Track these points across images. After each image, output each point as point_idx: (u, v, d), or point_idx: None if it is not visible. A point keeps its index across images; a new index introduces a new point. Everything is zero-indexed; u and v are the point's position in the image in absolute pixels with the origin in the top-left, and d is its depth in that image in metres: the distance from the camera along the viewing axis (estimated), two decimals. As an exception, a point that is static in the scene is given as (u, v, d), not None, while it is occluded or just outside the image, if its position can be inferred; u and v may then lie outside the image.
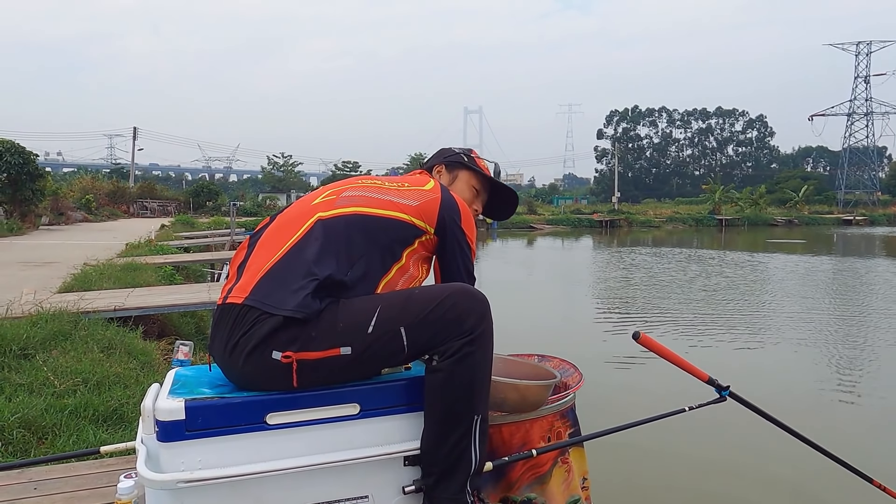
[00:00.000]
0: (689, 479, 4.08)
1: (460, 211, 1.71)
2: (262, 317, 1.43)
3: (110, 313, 5.29)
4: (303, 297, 1.43)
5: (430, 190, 1.71)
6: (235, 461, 1.39)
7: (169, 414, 1.37)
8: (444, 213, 1.67)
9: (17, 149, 19.68)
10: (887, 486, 2.02)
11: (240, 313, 1.46)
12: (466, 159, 1.97)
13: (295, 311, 1.42)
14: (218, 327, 1.51)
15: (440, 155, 2.02)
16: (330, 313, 1.46)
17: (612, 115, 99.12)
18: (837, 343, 7.99)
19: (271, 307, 1.43)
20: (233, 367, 1.47)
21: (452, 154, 1.99)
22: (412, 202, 1.65)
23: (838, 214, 60.32)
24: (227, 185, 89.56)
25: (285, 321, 1.42)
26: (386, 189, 1.68)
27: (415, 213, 1.64)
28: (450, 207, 1.69)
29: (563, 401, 1.78)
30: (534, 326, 8.87)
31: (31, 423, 2.99)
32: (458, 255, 1.70)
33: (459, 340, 1.46)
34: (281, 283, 1.46)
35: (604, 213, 49.81)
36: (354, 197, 1.64)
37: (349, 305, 1.49)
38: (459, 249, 1.70)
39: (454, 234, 1.68)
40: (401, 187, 1.70)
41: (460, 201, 1.74)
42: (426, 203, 1.66)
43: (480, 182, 1.97)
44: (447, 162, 1.97)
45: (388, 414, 1.52)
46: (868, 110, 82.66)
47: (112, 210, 33.16)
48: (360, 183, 1.73)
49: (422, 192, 1.69)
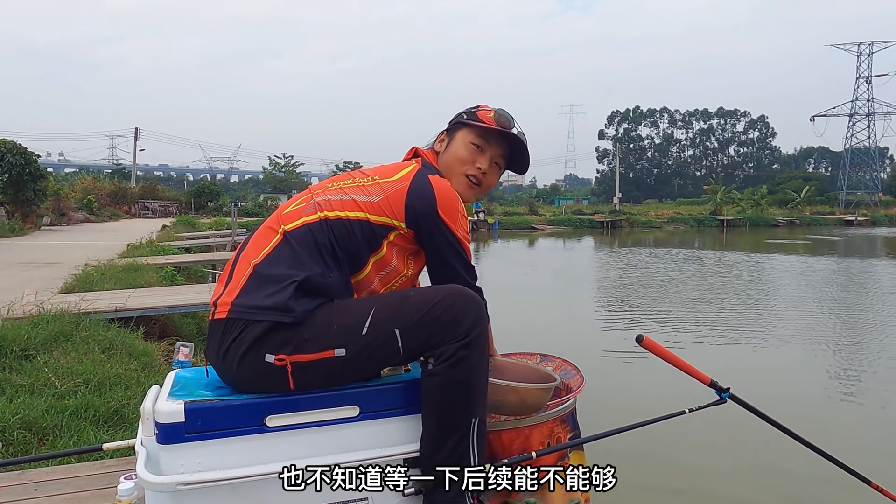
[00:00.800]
0: (689, 482, 4.08)
1: (435, 196, 1.57)
2: (249, 324, 1.44)
3: (111, 314, 5.29)
4: (283, 299, 1.43)
5: (399, 180, 1.61)
6: (235, 463, 1.39)
7: (169, 416, 1.37)
8: (412, 202, 1.56)
9: (19, 149, 19.72)
10: (885, 488, 2.01)
11: (226, 326, 1.47)
12: (466, 116, 1.81)
13: (279, 315, 1.42)
14: (211, 336, 1.52)
15: (447, 124, 1.89)
16: (323, 315, 1.46)
17: (613, 115, 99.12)
18: (840, 345, 7.98)
19: (253, 314, 1.44)
20: (227, 371, 1.48)
21: (456, 117, 1.85)
22: (374, 198, 1.58)
23: (840, 215, 60.26)
24: (228, 185, 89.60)
25: (275, 325, 1.43)
26: (351, 187, 1.61)
27: (376, 210, 1.56)
28: (419, 195, 1.57)
29: (563, 406, 1.78)
30: (535, 326, 8.86)
31: (32, 423, 3.00)
32: (442, 245, 1.59)
33: (454, 344, 1.45)
34: (259, 291, 1.47)
35: (605, 214, 49.79)
36: (320, 203, 1.59)
37: (344, 307, 1.49)
38: (442, 239, 1.58)
39: (429, 224, 1.57)
40: (367, 182, 1.62)
41: (439, 186, 1.60)
42: (390, 196, 1.57)
43: (480, 136, 1.77)
44: (448, 127, 1.85)
45: (387, 416, 1.52)
46: (870, 111, 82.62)
47: (113, 210, 33.21)
48: (332, 185, 1.67)
49: (387, 185, 1.60)
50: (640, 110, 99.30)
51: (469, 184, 1.78)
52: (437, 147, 1.83)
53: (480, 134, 1.77)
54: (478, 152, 1.78)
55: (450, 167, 1.77)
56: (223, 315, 1.48)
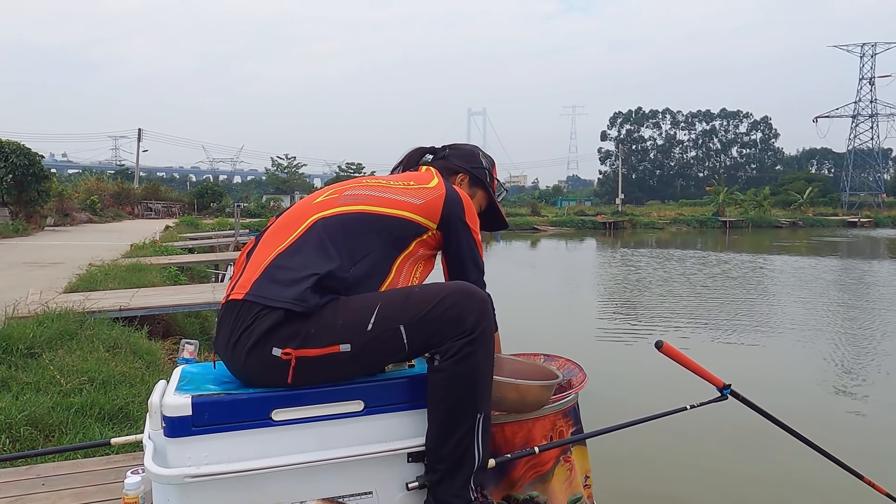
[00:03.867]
0: (690, 477, 4.09)
1: (464, 205, 1.73)
2: (262, 312, 1.45)
3: (115, 313, 5.31)
4: (301, 291, 1.45)
5: (435, 187, 1.72)
6: (241, 456, 1.41)
7: (176, 410, 1.39)
8: (448, 209, 1.69)
9: (23, 150, 19.77)
10: (877, 483, 2.03)
11: (241, 309, 1.47)
12: (489, 178, 1.99)
13: (293, 304, 1.43)
14: (222, 324, 1.53)
15: (467, 159, 1.99)
16: (330, 310, 1.48)
17: (615, 116, 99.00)
18: (843, 344, 7.98)
19: (270, 300, 1.45)
20: (235, 362, 1.50)
21: (479, 166, 1.98)
22: (417, 200, 1.67)
23: (843, 216, 60.13)
24: (231, 186, 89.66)
25: (286, 315, 1.44)
26: (391, 188, 1.69)
27: (419, 211, 1.65)
28: (454, 203, 1.70)
29: (565, 400, 1.80)
30: (538, 326, 8.87)
31: (38, 420, 3.02)
32: (465, 248, 1.71)
33: (460, 340, 1.47)
34: (280, 278, 1.48)
35: (607, 215, 49.73)
36: (358, 196, 1.65)
37: (349, 303, 1.50)
38: (466, 242, 1.71)
39: (458, 228, 1.70)
40: (406, 186, 1.71)
41: (464, 196, 1.76)
42: (431, 201, 1.68)
43: (488, 203, 2.01)
44: (472, 174, 1.96)
45: (391, 411, 1.54)
46: (873, 112, 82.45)
47: (117, 211, 33.27)
48: (365, 182, 1.73)
49: (426, 191, 1.70)
50: (643, 111, 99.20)
51: None
52: (459, 183, 1.93)
53: (489, 203, 2.01)
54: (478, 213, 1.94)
55: None
56: (240, 296, 1.48)
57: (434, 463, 1.50)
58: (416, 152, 2.02)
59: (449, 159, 1.97)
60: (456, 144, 2.04)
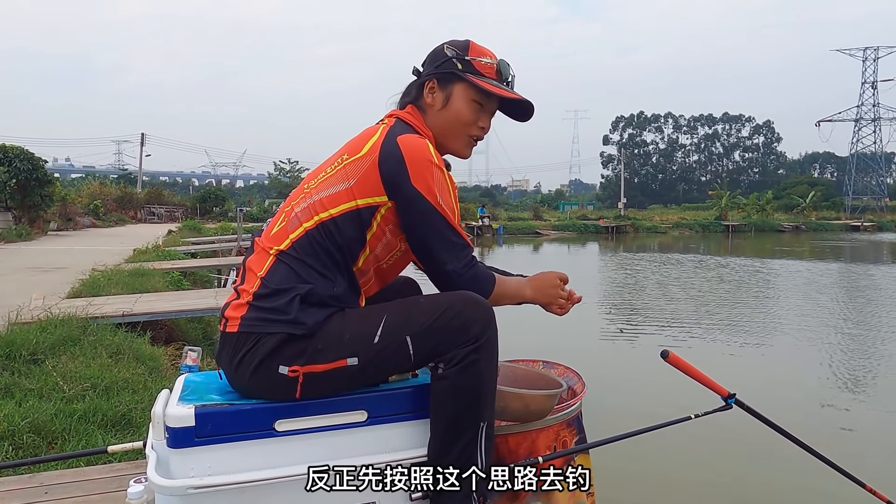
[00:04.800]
0: (694, 487, 4.08)
1: (405, 161, 1.47)
2: (261, 336, 1.45)
3: (118, 319, 5.32)
4: (291, 313, 1.43)
5: (368, 152, 1.50)
6: (245, 467, 1.41)
7: (179, 420, 1.39)
8: (384, 174, 1.48)
9: (26, 155, 19.84)
10: (878, 490, 2.03)
11: (238, 339, 1.47)
12: (462, 66, 1.61)
13: (290, 328, 1.43)
14: (223, 347, 1.53)
15: (430, 63, 1.66)
16: (335, 324, 1.47)
17: (618, 120, 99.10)
18: (847, 350, 7.95)
19: (264, 327, 1.44)
20: (239, 380, 1.50)
21: (443, 61, 1.62)
22: (349, 181, 1.50)
23: (846, 220, 60.01)
24: (233, 190, 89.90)
25: (288, 337, 1.44)
26: (326, 179, 1.53)
27: (357, 194, 1.49)
28: (388, 164, 1.47)
29: (569, 410, 1.79)
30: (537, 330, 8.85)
31: (40, 427, 3.02)
32: (416, 219, 1.50)
33: (465, 348, 1.46)
34: (267, 304, 1.46)
35: (610, 219, 49.68)
36: (299, 214, 1.53)
37: (354, 315, 1.50)
38: (419, 213, 1.49)
39: (405, 197, 1.48)
40: (340, 165, 1.52)
41: (408, 147, 1.48)
42: (363, 175, 1.49)
43: (480, 93, 1.63)
44: (439, 75, 1.63)
45: (394, 421, 1.53)
46: (875, 116, 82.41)
47: (120, 216, 33.34)
48: (304, 188, 1.58)
49: (358, 162, 1.50)
50: (645, 115, 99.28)
51: (471, 143, 1.70)
52: (429, 100, 1.64)
53: (482, 90, 1.62)
54: (480, 110, 1.66)
55: (450, 128, 1.65)
56: (234, 329, 1.48)
57: (436, 472, 1.50)
58: (402, 96, 1.73)
59: (420, 75, 1.68)
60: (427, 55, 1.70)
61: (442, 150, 1.66)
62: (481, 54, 1.64)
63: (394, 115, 1.65)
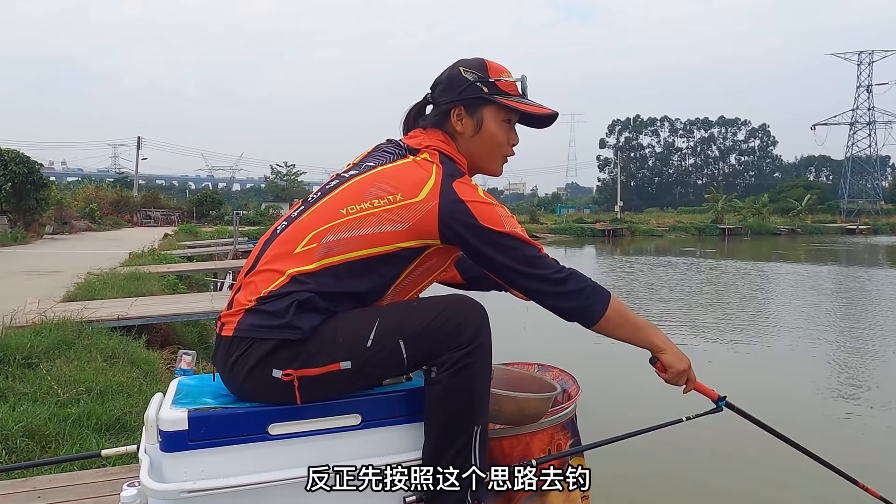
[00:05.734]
0: (687, 488, 4.08)
1: (471, 212, 1.48)
2: (255, 341, 1.44)
3: (114, 322, 5.32)
4: (287, 317, 1.43)
5: (426, 199, 1.48)
6: (238, 471, 1.41)
7: (172, 424, 1.39)
8: (445, 225, 1.48)
9: (22, 158, 19.82)
10: (870, 487, 2.04)
11: (232, 342, 1.47)
12: (487, 89, 1.61)
13: (285, 332, 1.43)
14: (218, 349, 1.53)
15: (450, 88, 1.63)
16: (328, 327, 1.47)
17: (614, 124, 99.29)
18: (841, 353, 7.97)
19: (259, 332, 1.44)
20: (233, 383, 1.50)
21: (467, 86, 1.61)
22: (402, 225, 1.48)
23: (842, 223, 60.22)
24: (230, 194, 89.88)
25: (283, 342, 1.43)
26: (372, 215, 1.48)
27: (407, 237, 1.49)
28: (452, 216, 1.47)
29: (564, 413, 1.79)
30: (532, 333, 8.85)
31: (34, 431, 3.01)
32: (497, 255, 1.51)
33: (458, 352, 1.46)
34: (269, 310, 1.45)
35: (606, 222, 49.79)
36: (338, 242, 1.47)
37: (348, 318, 1.49)
38: (496, 247, 1.50)
39: (474, 238, 1.49)
40: (390, 205, 1.48)
41: (468, 196, 1.49)
42: (419, 221, 1.48)
43: (509, 112, 1.65)
44: (465, 102, 1.62)
45: (389, 424, 1.53)
46: (870, 119, 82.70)
47: (116, 219, 33.28)
48: (345, 214, 1.49)
49: (415, 207, 1.48)
50: (641, 119, 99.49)
51: (504, 161, 1.72)
52: (458, 127, 1.63)
53: (510, 111, 1.64)
54: (509, 127, 1.68)
55: (487, 152, 1.67)
56: (229, 333, 1.48)
57: (430, 476, 1.50)
58: (409, 117, 1.73)
59: (438, 103, 1.66)
60: (440, 77, 1.68)
61: (476, 171, 1.71)
62: (501, 73, 1.65)
63: (433, 147, 1.61)
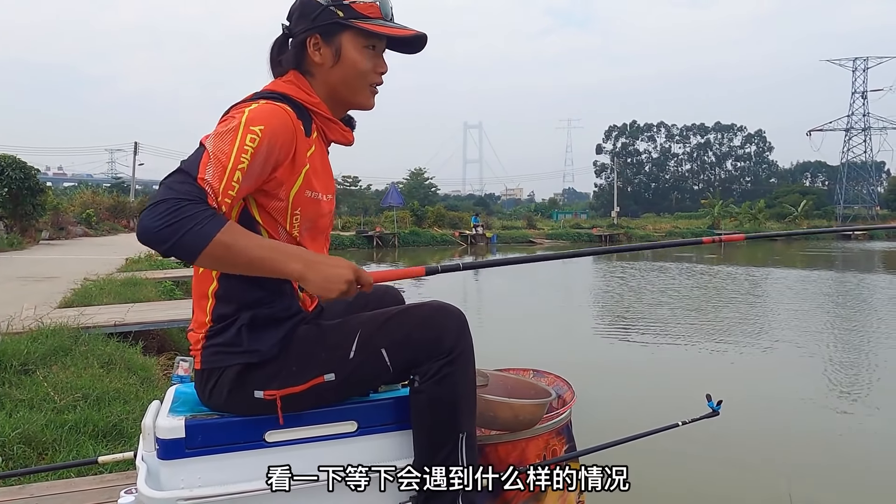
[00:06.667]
0: (684, 493, 4.08)
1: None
2: (224, 370, 1.45)
3: (110, 328, 5.31)
4: (241, 342, 1.43)
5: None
6: (235, 479, 1.42)
7: (169, 432, 1.40)
8: None
9: (18, 163, 19.75)
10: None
11: (201, 374, 1.49)
12: (342, 13, 1.46)
13: (246, 357, 1.43)
14: (196, 380, 1.54)
15: (305, 17, 1.48)
16: (307, 343, 1.48)
17: (610, 130, 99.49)
18: (837, 357, 7.99)
19: (221, 360, 1.45)
20: (215, 403, 1.50)
21: (320, 11, 1.46)
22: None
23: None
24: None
25: (247, 366, 1.44)
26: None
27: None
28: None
29: (559, 418, 1.81)
30: (528, 339, 8.87)
31: (31, 438, 3.01)
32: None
33: (438, 361, 1.46)
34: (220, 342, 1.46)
35: (603, 228, 49.85)
36: None
37: (326, 330, 1.51)
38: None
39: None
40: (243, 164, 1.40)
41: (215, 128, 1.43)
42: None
43: (371, 37, 1.51)
44: (320, 29, 1.48)
45: (384, 431, 1.55)
46: (866, 125, 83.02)
47: (112, 224, 33.16)
48: None
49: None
50: (638, 125, 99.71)
51: (374, 91, 1.57)
52: (316, 58, 1.50)
53: (370, 35, 1.50)
54: (374, 55, 1.53)
55: (350, 82, 1.52)
56: (198, 366, 1.49)
57: (420, 483, 1.50)
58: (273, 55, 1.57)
59: (294, 34, 1.53)
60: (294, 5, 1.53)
61: (345, 107, 1.59)
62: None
63: (266, 89, 1.50)
